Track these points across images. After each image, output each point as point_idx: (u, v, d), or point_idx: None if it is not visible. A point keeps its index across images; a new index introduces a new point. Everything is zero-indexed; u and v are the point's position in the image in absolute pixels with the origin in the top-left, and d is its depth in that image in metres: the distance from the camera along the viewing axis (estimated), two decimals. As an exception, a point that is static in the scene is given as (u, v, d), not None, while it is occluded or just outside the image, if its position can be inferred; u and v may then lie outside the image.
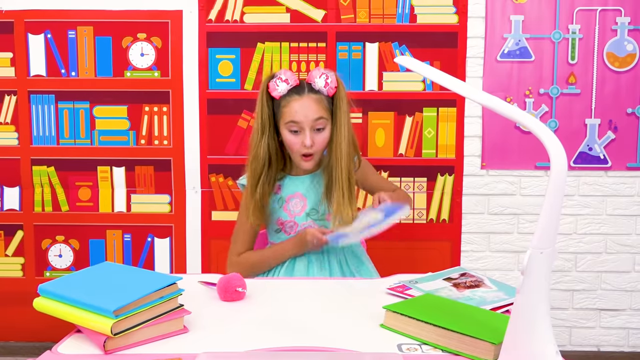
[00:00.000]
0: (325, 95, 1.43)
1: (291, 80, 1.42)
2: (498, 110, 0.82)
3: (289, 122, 1.40)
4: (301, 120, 1.39)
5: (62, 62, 2.17)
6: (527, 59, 2.15)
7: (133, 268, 1.06)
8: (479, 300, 1.09)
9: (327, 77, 1.42)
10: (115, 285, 0.95)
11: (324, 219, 1.47)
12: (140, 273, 1.02)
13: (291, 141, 1.42)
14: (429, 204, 2.21)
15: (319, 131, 1.42)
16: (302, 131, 1.40)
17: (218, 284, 1.11)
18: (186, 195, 2.21)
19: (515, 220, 2.22)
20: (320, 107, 1.41)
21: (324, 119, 1.41)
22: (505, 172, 2.20)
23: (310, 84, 1.43)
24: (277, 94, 1.42)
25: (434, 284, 1.19)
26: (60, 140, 2.20)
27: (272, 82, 1.42)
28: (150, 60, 2.17)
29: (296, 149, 1.42)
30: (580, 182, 2.20)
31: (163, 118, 2.19)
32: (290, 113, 1.40)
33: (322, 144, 1.43)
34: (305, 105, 1.40)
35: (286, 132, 1.42)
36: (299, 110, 1.39)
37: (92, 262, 2.24)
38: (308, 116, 1.39)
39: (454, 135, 2.18)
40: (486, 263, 2.23)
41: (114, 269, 1.05)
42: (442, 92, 2.16)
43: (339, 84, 1.44)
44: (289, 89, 1.42)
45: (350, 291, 1.18)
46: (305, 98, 1.41)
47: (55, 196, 2.22)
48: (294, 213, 1.47)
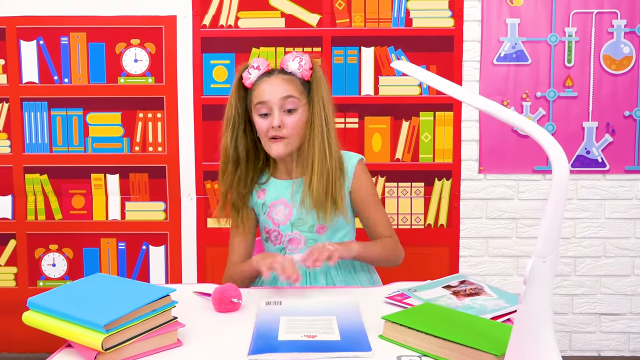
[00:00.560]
0: (300, 77, 1.31)
1: (262, 66, 1.32)
2: (496, 115, 0.80)
3: (257, 104, 1.29)
4: (268, 99, 1.27)
5: (54, 69, 2.15)
6: (523, 62, 2.13)
7: (125, 280, 1.03)
8: (479, 308, 1.06)
9: (301, 60, 1.31)
10: (107, 298, 0.92)
11: (313, 232, 1.34)
12: (132, 285, 0.99)
13: (260, 126, 1.30)
14: (427, 209, 2.19)
15: (290, 113, 1.29)
16: (271, 112, 1.28)
17: (213, 294, 1.09)
18: (181, 203, 2.19)
19: (514, 225, 2.20)
20: (291, 87, 1.29)
21: (294, 98, 1.28)
22: (503, 176, 2.18)
23: (283, 68, 1.32)
24: (249, 82, 1.31)
25: (433, 292, 1.17)
26: (53, 147, 2.17)
27: (245, 72, 1.32)
28: (144, 66, 2.15)
29: (265, 133, 1.29)
30: (578, 186, 2.18)
31: (157, 124, 2.17)
32: (257, 94, 1.29)
33: (294, 127, 1.29)
34: (274, 83, 1.29)
35: (256, 117, 1.30)
36: (266, 89, 1.28)
37: (86, 271, 2.21)
38: (276, 94, 1.27)
39: (451, 140, 2.16)
40: (485, 268, 2.21)
41: (105, 281, 1.02)
42: (439, 96, 2.15)
43: (314, 67, 1.32)
44: (261, 74, 1.31)
45: (348, 300, 1.15)
46: (274, 78, 1.30)
47: (49, 204, 2.19)
48: (277, 221, 1.36)
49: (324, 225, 1.35)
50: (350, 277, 1.38)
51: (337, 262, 1.26)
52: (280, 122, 1.27)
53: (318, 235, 1.36)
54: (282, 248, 1.38)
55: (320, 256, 1.18)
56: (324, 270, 1.35)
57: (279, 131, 1.28)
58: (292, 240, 1.37)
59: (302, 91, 1.31)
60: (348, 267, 1.39)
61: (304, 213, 1.34)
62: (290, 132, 1.29)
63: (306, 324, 0.98)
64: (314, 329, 0.96)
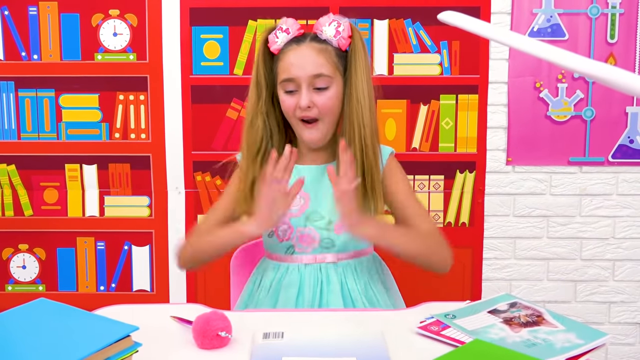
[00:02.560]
0: (335, 47, 1.10)
1: (292, 29, 1.11)
2: (597, 77, 0.55)
3: (283, 80, 1.10)
4: (296, 76, 1.08)
5: (22, 44, 1.88)
6: (560, 38, 1.87)
7: (76, 311, 0.77)
8: (544, 345, 0.81)
9: (339, 25, 1.10)
10: (50, 340, 0.67)
11: (330, 229, 1.13)
12: (84, 319, 0.74)
13: (286, 104, 1.11)
14: (447, 206, 1.93)
15: (321, 91, 1.09)
16: (299, 90, 1.09)
17: (194, 326, 0.83)
18: (168, 197, 1.93)
19: (545, 224, 1.94)
20: (324, 60, 1.09)
21: (326, 77, 1.09)
22: (533, 168, 1.92)
23: (316, 33, 1.12)
24: (275, 47, 1.11)
25: (478, 319, 0.92)
26: (21, 134, 1.91)
27: (272, 35, 1.13)
28: (124, 41, 1.88)
29: (291, 113, 1.11)
30: (619, 180, 1.93)
31: (140, 108, 1.90)
32: (284, 67, 1.10)
33: (326, 108, 1.10)
34: (303, 55, 1.08)
35: (282, 93, 1.12)
36: (294, 62, 1.09)
37: (61, 274, 1.96)
38: (305, 69, 1.08)
39: (476, 127, 1.90)
40: (512, 272, 1.96)
41: (50, 311, 0.76)
42: (462, 76, 1.88)
43: (354, 34, 1.11)
44: (289, 39, 1.10)
45: (370, 332, 0.90)
46: (304, 47, 1.09)
47: (17, 199, 1.93)
48: (289, 213, 1.14)
49: None
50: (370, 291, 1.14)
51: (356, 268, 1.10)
52: (308, 101, 1.09)
53: (335, 235, 1.13)
54: (290, 246, 1.15)
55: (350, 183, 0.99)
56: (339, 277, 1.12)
57: (308, 111, 1.10)
58: (304, 237, 1.14)
59: (336, 65, 1.11)
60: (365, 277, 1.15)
61: (324, 205, 1.13)
62: (322, 113, 1.11)
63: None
64: None
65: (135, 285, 1.95)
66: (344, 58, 1.12)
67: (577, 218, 1.94)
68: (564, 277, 1.96)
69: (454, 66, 1.88)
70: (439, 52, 1.88)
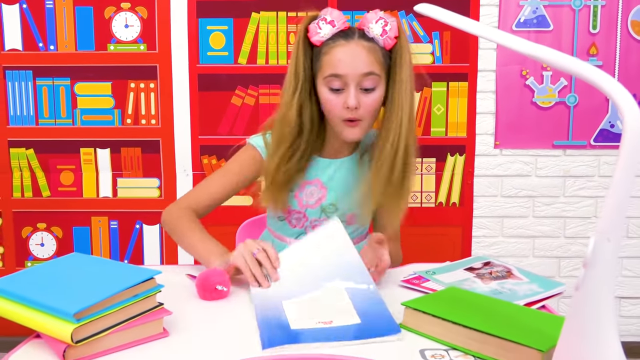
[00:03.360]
0: (381, 46, 1.06)
1: (338, 22, 1.05)
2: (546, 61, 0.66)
3: (329, 76, 1.05)
4: (345, 73, 1.04)
5: (39, 35, 2.00)
6: (545, 29, 1.98)
7: (106, 260, 0.90)
8: (510, 294, 0.94)
9: (386, 24, 1.05)
10: (81, 282, 0.79)
11: (343, 220, 1.11)
12: (113, 266, 0.86)
13: (330, 102, 1.06)
14: (438, 187, 2.05)
15: (368, 92, 1.05)
16: (345, 88, 1.05)
17: (196, 281, 0.95)
18: (176, 179, 2.05)
19: (531, 203, 2.06)
20: (373, 59, 1.04)
21: (375, 76, 1.05)
22: (520, 151, 2.04)
23: (363, 29, 1.06)
24: (318, 39, 1.06)
25: (454, 274, 1.04)
26: (39, 120, 2.03)
27: (313, 25, 1.06)
28: (135, 32, 2.00)
29: (336, 112, 1.06)
30: (600, 162, 2.04)
31: (150, 95, 2.02)
32: (331, 63, 1.04)
33: (370, 109, 1.07)
34: (353, 53, 1.04)
35: (325, 89, 1.06)
36: (343, 59, 1.04)
37: (77, 251, 2.06)
38: (356, 68, 1.03)
39: (465, 112, 2.02)
40: (499, 249, 2.09)
41: (83, 262, 0.89)
42: (453, 65, 1.99)
43: (400, 35, 1.06)
44: (335, 33, 1.05)
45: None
46: (354, 44, 1.04)
47: (36, 181, 2.06)
48: (306, 204, 1.16)
49: (355, 215, 1.18)
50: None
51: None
52: (357, 102, 1.04)
53: (346, 226, 1.14)
54: (301, 232, 1.19)
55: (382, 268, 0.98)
56: None
57: (355, 112, 1.06)
58: (317, 227, 1.16)
59: (383, 65, 1.06)
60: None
61: (341, 198, 1.16)
62: (366, 114, 1.07)
63: (315, 307, 0.86)
64: (327, 313, 0.84)
65: (147, 261, 2.08)
66: (389, 58, 1.07)
67: (561, 198, 2.06)
68: (549, 254, 2.08)
69: (445, 55, 1.99)
70: (431, 42, 1.99)
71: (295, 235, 1.20)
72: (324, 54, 1.06)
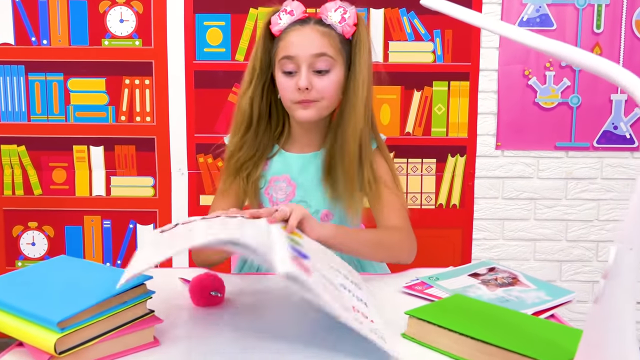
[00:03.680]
0: (339, 33, 1.06)
1: (297, 11, 1.07)
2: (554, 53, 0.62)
3: (282, 59, 1.05)
4: (296, 54, 1.04)
5: (32, 29, 1.95)
6: (548, 28, 1.94)
7: (95, 264, 0.86)
8: (517, 302, 0.90)
9: (345, 12, 1.06)
10: (67, 288, 0.75)
11: (317, 218, 1.10)
12: (102, 271, 0.82)
13: (283, 85, 1.06)
14: (438, 188, 2.01)
15: (321, 74, 1.05)
16: (298, 71, 1.05)
17: (189, 286, 0.91)
18: (171, 178, 2.01)
19: (532, 206, 2.03)
20: (326, 42, 1.04)
21: (328, 57, 1.04)
22: (522, 152, 2.00)
23: (321, 17, 1.07)
24: (277, 29, 1.07)
25: (459, 281, 1.00)
26: (31, 116, 1.99)
27: (275, 17, 1.08)
28: (130, 28, 1.95)
29: (289, 95, 1.06)
30: (603, 164, 2.01)
31: (145, 92, 1.98)
32: (284, 46, 1.05)
33: (324, 91, 1.06)
34: (305, 35, 1.04)
35: (279, 73, 1.07)
36: (295, 42, 1.04)
37: (69, 251, 2.04)
38: (307, 49, 1.03)
39: (467, 112, 1.98)
40: (500, 252, 2.05)
41: (70, 265, 0.85)
42: (454, 64, 1.96)
43: (359, 23, 1.07)
44: (293, 21, 1.06)
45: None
46: (308, 29, 1.05)
47: (27, 178, 2.01)
48: (276, 200, 1.13)
49: (331, 213, 1.14)
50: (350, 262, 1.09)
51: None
52: (308, 83, 1.04)
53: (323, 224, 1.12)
54: None
55: (276, 216, 0.86)
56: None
57: (307, 94, 1.05)
58: None
59: (339, 50, 1.06)
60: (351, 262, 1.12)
61: (311, 194, 1.12)
62: (321, 96, 1.06)
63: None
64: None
65: (140, 262, 2.03)
66: (348, 46, 1.07)
67: (563, 201, 2.03)
68: (550, 257, 2.05)
69: (447, 54, 1.96)
70: (432, 41, 1.95)
71: None
72: (279, 40, 1.08)
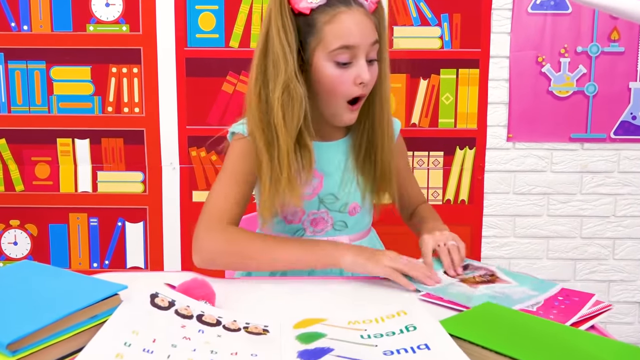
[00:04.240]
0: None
1: None
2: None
3: (338, 49, 0.91)
4: (357, 44, 0.91)
5: (11, 14, 1.83)
6: (563, 11, 1.82)
7: (63, 272, 0.74)
8: (504, 299, 0.80)
9: None
10: (25, 300, 0.63)
11: (345, 212, 1.05)
12: (69, 279, 0.71)
13: (338, 79, 0.92)
14: (446, 182, 1.90)
15: (371, 63, 0.94)
16: (354, 61, 0.92)
17: None
18: (162, 173, 1.89)
19: (545, 201, 1.92)
20: (374, 26, 0.93)
21: (377, 44, 0.95)
22: (534, 145, 1.89)
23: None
24: (306, 5, 0.91)
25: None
26: (11, 107, 1.86)
27: None
28: (117, 12, 1.83)
29: (344, 90, 0.93)
30: (620, 157, 1.90)
31: (133, 81, 1.85)
32: (340, 34, 0.90)
33: (372, 84, 0.96)
34: (360, 21, 0.91)
35: (330, 65, 0.92)
36: (354, 29, 0.90)
37: (53, 251, 1.92)
38: (366, 37, 0.91)
39: (476, 102, 1.86)
40: (511, 250, 1.94)
41: (33, 273, 0.73)
42: (463, 50, 1.84)
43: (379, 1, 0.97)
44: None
45: (370, 297, 0.87)
46: (356, 11, 0.91)
47: (8, 174, 1.89)
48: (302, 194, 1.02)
49: (359, 205, 1.06)
50: None
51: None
52: (370, 75, 0.93)
53: (349, 217, 1.06)
54: (299, 229, 1.05)
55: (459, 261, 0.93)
56: None
57: (365, 88, 0.94)
58: (316, 220, 1.04)
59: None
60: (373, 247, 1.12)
61: (338, 186, 1.03)
62: (370, 90, 0.97)
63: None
64: None
65: (129, 262, 1.92)
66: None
67: (577, 196, 1.91)
68: (564, 256, 1.94)
69: (455, 40, 1.84)
70: (440, 25, 1.83)
71: (292, 232, 1.06)
72: (325, 23, 0.91)
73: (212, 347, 0.61)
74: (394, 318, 0.70)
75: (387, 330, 0.66)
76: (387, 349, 0.61)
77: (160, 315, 0.66)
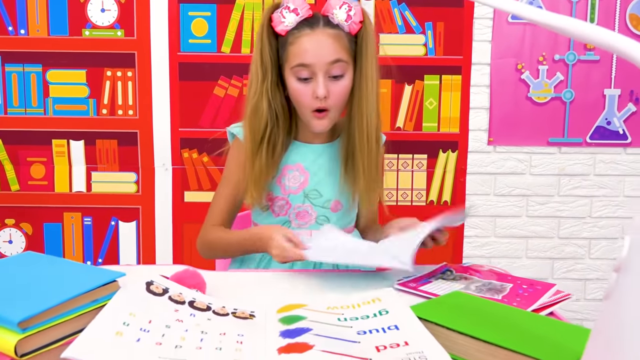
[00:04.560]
0: (347, 32, 1.05)
1: (302, 10, 1.04)
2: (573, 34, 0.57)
3: (296, 66, 1.04)
4: (312, 63, 1.03)
5: (8, 18, 1.88)
6: (541, 21, 1.90)
7: (64, 261, 0.80)
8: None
9: (350, 9, 1.04)
10: (31, 285, 0.69)
11: (327, 207, 1.14)
12: (70, 267, 0.76)
13: (299, 92, 1.06)
14: (429, 184, 1.97)
15: (336, 79, 1.05)
16: (314, 77, 1.04)
17: None
18: (155, 174, 1.94)
19: (525, 202, 1.99)
20: (339, 46, 1.03)
21: (343, 62, 1.04)
22: (514, 148, 1.97)
23: (327, 16, 1.05)
24: (282, 28, 1.04)
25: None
26: (8, 109, 1.91)
27: (277, 14, 1.05)
28: (112, 17, 1.88)
29: (305, 102, 1.06)
30: (596, 160, 1.98)
31: (128, 84, 1.91)
32: (298, 53, 1.04)
33: (340, 97, 1.06)
34: (319, 42, 1.03)
35: (293, 79, 1.06)
36: (310, 49, 1.03)
37: (47, 249, 1.97)
38: (322, 57, 1.03)
39: (459, 107, 1.94)
40: (492, 250, 2.01)
41: (36, 262, 0.79)
42: (446, 57, 1.91)
43: (365, 19, 1.06)
44: (299, 21, 1.04)
45: (354, 288, 0.93)
46: (319, 33, 1.03)
47: (4, 174, 1.93)
48: (288, 189, 1.13)
49: (340, 203, 1.16)
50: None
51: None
52: (326, 91, 1.04)
53: (331, 213, 1.15)
54: (286, 221, 1.15)
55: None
56: None
57: (324, 102, 1.05)
58: (301, 214, 1.15)
59: (349, 51, 1.05)
60: None
61: (323, 183, 1.14)
62: (335, 103, 1.06)
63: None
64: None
65: (122, 261, 1.97)
66: (354, 43, 1.07)
67: (555, 197, 1.99)
68: (542, 255, 2.02)
69: (438, 47, 1.91)
70: (424, 33, 1.91)
71: (280, 224, 1.14)
72: (290, 44, 1.05)
73: (203, 328, 0.67)
74: (369, 304, 0.76)
75: (362, 314, 0.73)
76: (360, 330, 0.68)
77: (155, 300, 0.72)
